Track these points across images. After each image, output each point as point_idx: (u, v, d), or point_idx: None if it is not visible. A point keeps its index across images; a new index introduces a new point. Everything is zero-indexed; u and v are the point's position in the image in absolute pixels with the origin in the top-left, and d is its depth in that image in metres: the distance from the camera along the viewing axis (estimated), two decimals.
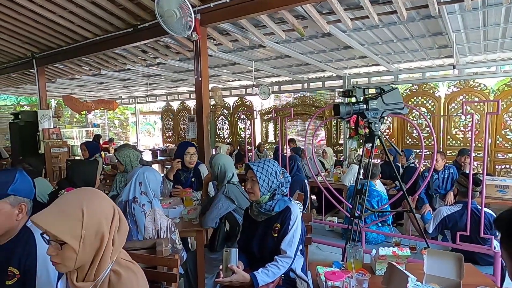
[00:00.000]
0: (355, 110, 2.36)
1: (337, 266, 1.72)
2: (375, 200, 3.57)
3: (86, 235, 0.99)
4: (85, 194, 1.07)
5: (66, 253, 0.98)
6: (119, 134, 15.22)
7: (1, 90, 10.83)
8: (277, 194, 1.93)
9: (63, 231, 0.97)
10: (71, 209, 1.01)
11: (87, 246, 1.00)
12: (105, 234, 1.04)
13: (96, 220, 1.02)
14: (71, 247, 0.98)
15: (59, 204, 1.03)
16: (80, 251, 0.99)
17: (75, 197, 1.05)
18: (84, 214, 1.00)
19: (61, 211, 1.00)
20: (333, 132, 8.21)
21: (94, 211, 1.02)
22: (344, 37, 4.68)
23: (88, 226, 1.00)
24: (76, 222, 0.99)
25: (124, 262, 1.13)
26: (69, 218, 0.99)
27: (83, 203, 1.02)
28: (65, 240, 0.97)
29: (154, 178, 2.15)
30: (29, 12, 4.36)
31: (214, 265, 2.60)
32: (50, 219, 0.98)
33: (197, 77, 3.88)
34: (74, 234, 0.98)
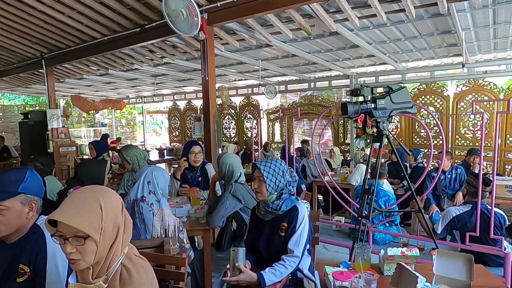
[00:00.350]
0: (363, 109, 2.35)
1: (345, 266, 1.71)
2: (382, 200, 3.54)
3: (105, 228, 1.01)
4: (98, 189, 1.10)
5: (88, 247, 1.00)
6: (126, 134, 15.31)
7: (11, 90, 10.98)
8: (284, 194, 1.93)
9: (87, 225, 0.99)
10: (89, 204, 1.02)
11: (106, 238, 1.02)
12: (120, 226, 1.07)
13: (113, 212, 1.05)
14: (94, 240, 1.00)
15: (75, 200, 1.04)
16: (100, 244, 1.01)
17: (90, 192, 1.07)
18: (102, 207, 1.02)
19: (80, 206, 1.01)
20: (340, 131, 8.17)
21: (110, 204, 1.06)
22: (351, 36, 4.65)
23: (107, 218, 1.02)
24: (96, 215, 1.01)
25: (135, 257, 1.14)
26: (90, 212, 1.01)
27: (99, 197, 1.04)
28: (89, 234, 0.98)
29: (162, 177, 2.16)
30: (38, 12, 4.41)
31: (221, 264, 2.60)
32: (72, 215, 0.99)
33: (204, 76, 3.88)
34: (96, 227, 1.00)
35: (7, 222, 1.36)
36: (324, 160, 5.80)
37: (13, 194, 1.38)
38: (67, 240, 0.99)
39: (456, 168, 4.52)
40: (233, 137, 9.93)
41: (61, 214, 0.99)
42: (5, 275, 1.40)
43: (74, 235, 0.99)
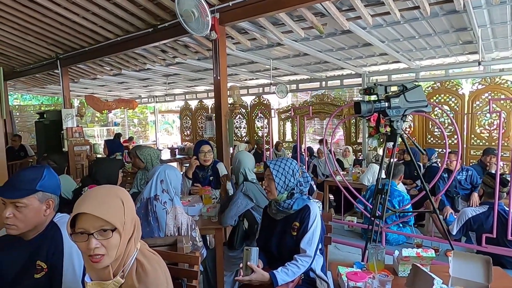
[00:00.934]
0: (376, 108, 2.32)
1: (358, 267, 1.70)
2: (396, 200, 3.49)
3: (126, 222, 1.04)
4: (114, 186, 1.14)
5: (114, 241, 1.01)
6: (138, 133, 15.48)
7: (27, 91, 11.23)
8: (295, 193, 1.92)
9: (114, 217, 1.01)
10: (111, 199, 1.04)
11: (126, 232, 1.04)
12: (136, 221, 1.10)
13: (131, 208, 1.09)
14: (119, 233, 1.01)
15: (97, 194, 1.05)
16: (122, 238, 1.03)
17: (109, 189, 1.10)
18: (124, 202, 1.05)
19: (104, 200, 1.03)
20: (352, 130, 8.09)
21: (128, 199, 1.09)
22: (364, 34, 4.60)
23: (127, 213, 1.05)
24: (119, 209, 1.04)
25: (148, 252, 1.16)
26: (114, 206, 1.03)
27: (118, 193, 1.07)
28: (116, 226, 1.00)
29: (175, 175, 2.17)
30: (54, 14, 4.49)
31: (233, 263, 2.61)
32: (99, 207, 1.00)
33: (215, 76, 3.90)
34: (120, 221, 1.02)
35: (25, 219, 1.39)
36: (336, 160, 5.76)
37: (31, 192, 1.41)
38: (91, 236, 0.99)
39: (467, 170, 4.44)
40: (244, 136, 9.95)
41: (88, 207, 1.00)
42: (23, 271, 1.43)
43: (100, 228, 1.00)
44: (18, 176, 1.45)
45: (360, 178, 5.04)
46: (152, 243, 1.81)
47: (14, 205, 1.38)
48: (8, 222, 1.37)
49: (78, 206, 1.01)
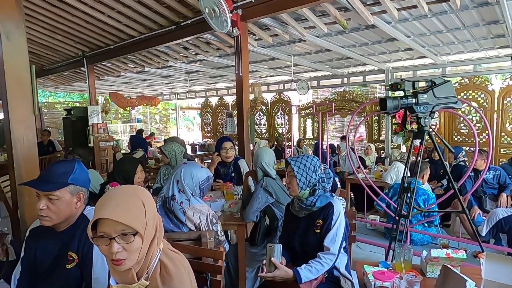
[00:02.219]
0: (403, 104, 2.25)
1: (384, 266, 1.66)
2: (421, 199, 3.40)
3: (147, 224, 1.01)
4: (135, 187, 1.10)
5: (136, 244, 0.98)
6: (160, 129, 15.77)
7: (55, 88, 11.64)
8: (317, 190, 1.90)
9: (136, 221, 0.98)
10: (132, 200, 1.02)
11: (148, 235, 1.02)
12: (158, 222, 1.08)
13: (153, 209, 1.06)
14: (140, 237, 0.99)
15: (117, 197, 1.02)
16: (144, 241, 1.00)
17: (129, 191, 1.07)
18: (145, 204, 1.02)
19: (124, 203, 1.00)
20: (374, 128, 7.93)
21: (149, 200, 1.06)
22: (388, 29, 4.48)
23: (149, 214, 1.02)
24: (141, 211, 1.01)
25: (170, 252, 1.14)
26: (135, 209, 1.00)
27: (139, 195, 1.04)
28: (137, 230, 0.97)
29: (190, 176, 2.08)
30: (81, 13, 4.62)
31: (254, 259, 2.62)
32: (120, 212, 0.97)
33: (237, 72, 3.90)
34: (142, 224, 1.00)
35: (58, 211, 1.44)
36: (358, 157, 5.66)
37: (63, 185, 1.45)
38: (112, 240, 0.97)
39: (495, 169, 4.27)
40: (264, 133, 9.94)
41: (108, 211, 0.97)
42: (55, 261, 1.48)
43: (121, 232, 0.97)
44: (51, 170, 1.51)
45: (383, 176, 4.94)
46: (177, 237, 1.84)
47: (48, 197, 1.43)
48: (41, 213, 1.43)
49: (98, 210, 0.99)
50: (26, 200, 2.22)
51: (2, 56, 2.13)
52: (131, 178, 2.54)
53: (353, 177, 5.43)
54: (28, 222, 2.17)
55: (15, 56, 2.18)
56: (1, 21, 2.11)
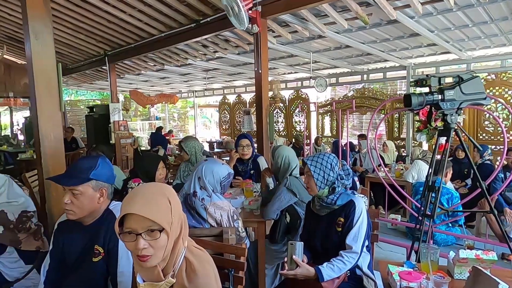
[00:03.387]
0: (428, 100, 2.19)
1: (409, 266, 1.62)
2: (445, 198, 3.31)
3: (173, 222, 1.02)
4: (161, 185, 1.11)
5: (162, 241, 0.99)
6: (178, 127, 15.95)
7: (78, 86, 11.96)
8: (337, 187, 1.87)
9: (162, 217, 0.99)
10: (158, 197, 1.02)
11: (173, 232, 1.03)
12: (183, 220, 1.08)
13: (178, 206, 1.07)
14: (166, 233, 1.00)
15: (144, 193, 1.03)
16: (170, 238, 1.01)
17: (156, 188, 1.07)
18: (171, 201, 1.03)
19: (151, 200, 1.01)
20: (395, 125, 7.76)
21: (175, 199, 1.07)
22: (411, 24, 4.37)
23: (175, 213, 1.03)
24: (167, 209, 1.01)
25: (195, 249, 1.14)
26: (162, 206, 1.01)
27: (166, 193, 1.05)
28: (164, 226, 0.98)
29: (211, 173, 2.10)
30: (103, 12, 4.72)
31: (274, 256, 2.61)
32: (147, 208, 0.98)
33: (257, 69, 3.89)
34: (168, 221, 1.01)
35: (81, 205, 1.48)
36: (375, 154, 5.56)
37: (85, 180, 1.49)
38: (139, 236, 0.98)
39: None
40: (281, 130, 9.90)
41: (136, 207, 0.98)
42: (82, 254, 1.53)
43: (148, 229, 0.98)
44: (75, 165, 1.56)
45: (404, 175, 4.83)
46: (199, 233, 1.86)
47: (72, 192, 1.48)
48: (66, 207, 1.48)
49: (125, 206, 1.00)
50: (53, 195, 2.29)
51: (31, 55, 2.20)
52: (153, 175, 2.58)
53: (373, 175, 5.34)
54: (55, 216, 2.24)
55: (43, 55, 2.24)
56: (30, 21, 2.17)
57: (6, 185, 1.83)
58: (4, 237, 1.71)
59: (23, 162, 6.83)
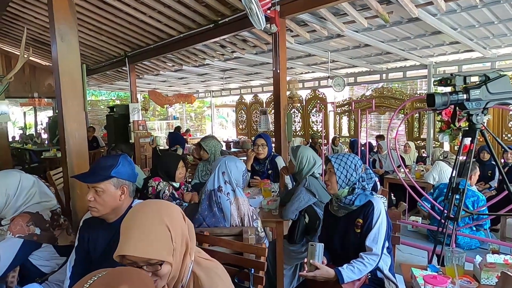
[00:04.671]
0: (453, 100, 2.13)
1: (433, 270, 1.59)
2: (470, 201, 3.21)
3: (176, 247, 0.99)
4: (159, 208, 1.04)
5: (164, 270, 0.97)
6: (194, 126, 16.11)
7: (98, 87, 12.26)
8: (356, 188, 1.85)
9: (161, 252, 0.95)
10: (156, 228, 0.97)
11: (178, 255, 1.00)
12: (188, 238, 1.05)
13: (179, 228, 1.02)
14: (169, 263, 0.97)
15: (140, 227, 0.97)
16: (174, 263, 0.99)
17: (152, 214, 1.01)
18: (170, 227, 0.99)
19: (148, 234, 0.96)
20: (415, 126, 7.60)
21: (175, 221, 1.02)
22: (433, 21, 4.26)
23: (176, 237, 1.00)
24: (166, 238, 0.97)
25: (203, 261, 1.11)
26: (159, 237, 0.97)
27: (163, 217, 1.00)
28: (166, 260, 0.96)
29: (235, 167, 2.18)
30: (124, 14, 4.82)
31: (292, 257, 2.60)
32: (142, 245, 0.94)
33: (275, 69, 3.89)
34: (168, 251, 0.97)
35: (103, 202, 1.52)
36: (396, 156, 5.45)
37: (106, 178, 1.53)
38: (141, 268, 0.95)
39: None
40: (298, 130, 9.85)
41: (130, 247, 0.94)
42: (106, 251, 1.56)
43: (147, 263, 0.95)
44: (98, 164, 1.60)
45: (425, 176, 4.72)
46: (219, 232, 1.87)
47: (95, 189, 1.52)
48: (90, 204, 1.52)
49: (122, 242, 0.96)
50: (78, 193, 2.35)
51: (57, 56, 2.26)
52: (173, 174, 2.62)
53: (392, 176, 5.25)
54: (79, 213, 2.30)
55: (69, 56, 2.31)
56: (57, 23, 2.24)
57: (36, 186, 1.88)
58: (42, 237, 1.76)
59: (46, 160, 7.07)
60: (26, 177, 1.88)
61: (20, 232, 1.70)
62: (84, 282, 0.75)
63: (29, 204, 1.81)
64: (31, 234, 1.73)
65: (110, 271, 0.79)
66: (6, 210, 1.78)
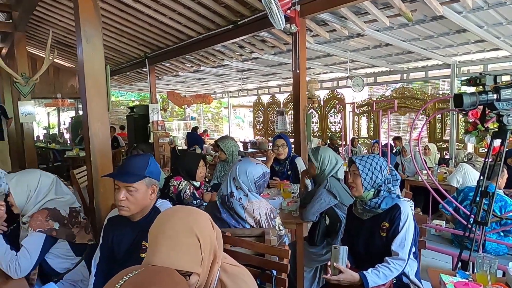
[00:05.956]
0: (482, 100, 2.05)
1: (462, 277, 1.53)
2: (497, 206, 3.08)
3: (204, 257, 0.98)
4: (187, 216, 1.02)
5: (192, 281, 0.96)
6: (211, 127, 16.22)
7: (119, 88, 12.51)
8: (382, 191, 1.80)
9: (189, 263, 0.94)
10: (186, 239, 0.96)
11: (205, 266, 0.99)
12: (216, 247, 1.04)
13: (208, 238, 1.01)
14: (197, 274, 0.96)
15: (171, 237, 0.95)
16: (202, 274, 0.98)
17: (183, 224, 0.98)
18: (199, 238, 0.97)
19: (179, 246, 0.95)
20: (437, 127, 7.39)
21: (204, 230, 1.01)
22: (458, 19, 4.13)
23: (205, 247, 0.98)
24: (195, 249, 0.96)
25: (230, 267, 1.10)
26: (188, 248, 0.95)
27: (194, 228, 0.98)
28: (193, 271, 0.95)
29: (245, 174, 2.09)
30: (145, 16, 4.90)
31: (313, 259, 2.56)
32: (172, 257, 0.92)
33: (294, 69, 3.86)
34: (197, 261, 0.96)
35: (136, 201, 1.54)
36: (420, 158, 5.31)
37: (141, 177, 1.55)
38: None
39: None
40: (316, 131, 9.76)
41: (160, 258, 0.92)
42: (130, 249, 1.58)
43: None
44: (130, 163, 1.61)
45: (448, 179, 4.57)
46: (241, 233, 1.86)
47: (127, 189, 1.53)
48: (122, 204, 1.53)
49: (151, 251, 0.94)
50: (101, 191, 2.39)
51: (83, 58, 2.32)
52: (194, 173, 2.64)
53: (413, 179, 5.11)
54: (103, 211, 2.35)
55: (93, 58, 2.36)
56: (82, 25, 2.29)
57: (54, 183, 1.94)
58: (60, 232, 1.81)
59: (69, 159, 7.26)
60: (46, 174, 1.94)
61: (40, 227, 1.75)
62: (116, 282, 0.75)
63: (47, 200, 1.86)
64: (51, 228, 1.78)
65: (143, 272, 0.79)
66: (27, 206, 1.84)
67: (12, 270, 1.65)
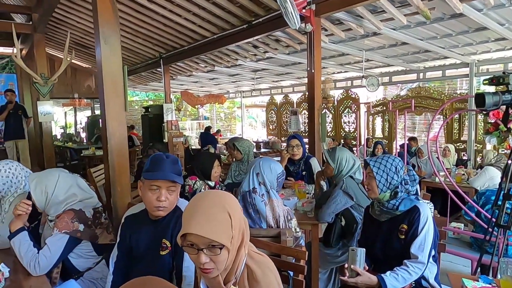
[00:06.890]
0: (505, 100, 2.00)
1: (485, 282, 1.48)
2: None
3: (234, 235, 1.01)
4: (221, 196, 1.08)
5: (222, 256, 0.99)
6: (224, 127, 16.28)
7: (133, 88, 12.69)
8: (400, 192, 1.77)
9: (222, 235, 0.98)
10: (219, 213, 1.00)
11: (234, 244, 1.02)
12: (244, 230, 1.07)
13: (239, 218, 1.04)
14: (227, 249, 0.99)
15: (205, 211, 1.01)
16: (231, 251, 1.01)
17: (216, 201, 1.04)
18: (231, 215, 1.01)
19: (212, 217, 0.99)
20: (454, 127, 7.22)
21: (236, 210, 1.04)
22: (478, 17, 4.02)
23: (235, 226, 1.01)
24: (227, 225, 1.00)
25: (256, 255, 1.12)
26: (221, 221, 1.00)
27: (226, 205, 1.02)
28: (224, 244, 0.98)
29: (269, 168, 2.16)
30: (160, 17, 4.95)
31: (328, 260, 2.54)
32: (207, 227, 0.98)
33: (309, 69, 3.83)
34: (228, 236, 0.99)
35: (174, 200, 1.58)
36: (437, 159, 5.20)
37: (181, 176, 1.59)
38: (200, 251, 0.98)
39: None
40: (329, 131, 9.68)
41: (196, 227, 0.97)
42: (150, 247, 1.59)
43: (208, 245, 0.98)
44: (168, 162, 1.58)
45: (470, 181, 4.44)
46: (256, 234, 1.86)
47: (169, 189, 1.54)
48: (163, 204, 1.53)
49: (186, 223, 1.00)
50: (118, 190, 2.42)
51: (101, 58, 2.35)
52: (209, 172, 2.65)
53: (430, 180, 5.01)
54: (120, 209, 2.38)
55: (111, 58, 2.40)
56: (101, 27, 2.33)
57: (76, 184, 1.95)
58: (85, 234, 1.84)
59: (86, 158, 7.41)
60: (65, 175, 1.95)
61: (65, 228, 1.78)
62: None
63: (73, 202, 1.88)
64: (76, 230, 1.81)
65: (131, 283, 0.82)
66: (48, 207, 1.87)
67: (31, 268, 1.69)
